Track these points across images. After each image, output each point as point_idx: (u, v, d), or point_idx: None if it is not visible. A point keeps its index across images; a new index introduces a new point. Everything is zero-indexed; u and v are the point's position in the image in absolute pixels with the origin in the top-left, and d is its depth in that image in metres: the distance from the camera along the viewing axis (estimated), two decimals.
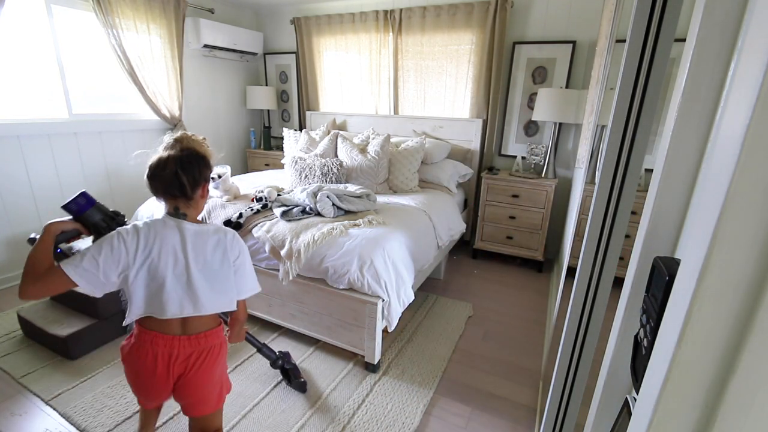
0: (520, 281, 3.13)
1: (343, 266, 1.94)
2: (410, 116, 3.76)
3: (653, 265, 0.60)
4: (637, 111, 0.85)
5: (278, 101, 4.60)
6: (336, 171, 3.03)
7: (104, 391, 1.84)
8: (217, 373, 1.21)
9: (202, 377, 1.16)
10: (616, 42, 1.60)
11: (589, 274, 0.99)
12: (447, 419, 1.75)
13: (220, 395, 1.25)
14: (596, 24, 2.89)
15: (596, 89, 2.05)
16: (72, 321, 2.11)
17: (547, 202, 3.08)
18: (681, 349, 0.40)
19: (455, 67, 3.51)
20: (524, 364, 2.13)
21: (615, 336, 0.76)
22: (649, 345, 0.55)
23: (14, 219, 2.77)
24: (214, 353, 1.18)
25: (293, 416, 1.72)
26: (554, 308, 2.22)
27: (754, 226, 0.35)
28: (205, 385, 1.18)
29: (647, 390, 0.48)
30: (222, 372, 1.25)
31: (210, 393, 1.22)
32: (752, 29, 0.38)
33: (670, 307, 0.46)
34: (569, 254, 1.99)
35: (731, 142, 0.36)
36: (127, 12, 3.09)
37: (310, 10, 4.07)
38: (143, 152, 1.21)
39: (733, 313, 0.38)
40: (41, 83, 2.86)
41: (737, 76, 0.39)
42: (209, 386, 1.20)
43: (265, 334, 2.30)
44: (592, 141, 2.00)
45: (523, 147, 3.41)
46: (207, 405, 1.23)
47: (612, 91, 0.98)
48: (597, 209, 0.94)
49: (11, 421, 1.67)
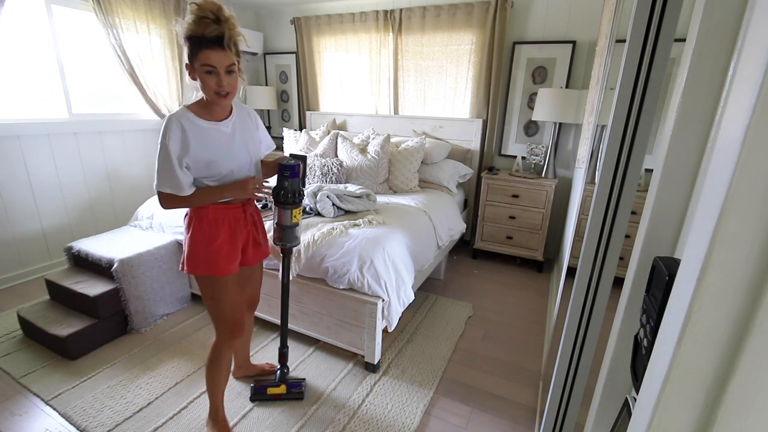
0: (520, 281, 3.13)
1: (343, 266, 1.94)
2: (410, 116, 3.76)
3: (653, 265, 0.60)
4: (637, 111, 0.85)
5: (278, 101, 4.60)
6: (336, 171, 3.03)
7: (104, 391, 1.84)
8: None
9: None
10: (616, 42, 1.60)
11: (589, 274, 0.99)
12: (447, 419, 1.75)
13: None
14: (596, 24, 2.89)
15: (596, 89, 2.05)
16: (72, 321, 2.11)
17: (547, 202, 3.08)
18: (681, 349, 0.40)
19: (455, 67, 3.51)
20: (524, 364, 2.13)
21: (615, 336, 0.76)
22: (649, 345, 0.55)
23: (14, 219, 2.76)
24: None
25: (293, 416, 1.72)
26: (554, 308, 2.22)
27: (754, 226, 0.35)
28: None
29: (647, 390, 0.48)
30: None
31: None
32: (752, 29, 0.38)
33: (670, 307, 0.46)
34: (569, 254, 1.99)
35: (731, 142, 0.36)
36: (127, 12, 3.09)
37: (310, 10, 4.07)
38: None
39: (733, 313, 0.38)
40: (41, 83, 2.86)
41: (737, 76, 0.39)
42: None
43: (265, 334, 2.30)
44: (592, 141, 2.00)
45: (523, 147, 3.41)
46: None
47: (612, 91, 0.98)
48: (597, 209, 0.94)
49: (11, 421, 1.67)
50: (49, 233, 2.97)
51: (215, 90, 1.28)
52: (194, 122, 1.33)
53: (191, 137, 1.31)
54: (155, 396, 1.82)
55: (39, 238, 2.92)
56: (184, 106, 1.35)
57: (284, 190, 1.50)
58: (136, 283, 2.26)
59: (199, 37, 1.22)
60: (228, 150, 1.40)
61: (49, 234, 2.96)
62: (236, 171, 1.44)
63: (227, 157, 1.39)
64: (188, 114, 1.33)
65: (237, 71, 1.31)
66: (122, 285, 2.20)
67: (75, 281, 2.24)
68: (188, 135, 1.30)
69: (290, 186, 1.50)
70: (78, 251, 2.36)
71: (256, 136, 1.54)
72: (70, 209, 3.06)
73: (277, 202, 1.52)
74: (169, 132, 1.28)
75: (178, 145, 1.29)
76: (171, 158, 1.28)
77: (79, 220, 3.13)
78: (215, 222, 1.41)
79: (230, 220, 1.45)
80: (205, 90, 1.29)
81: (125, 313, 2.26)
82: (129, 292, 2.23)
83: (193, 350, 2.15)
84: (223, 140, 1.39)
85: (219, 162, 1.37)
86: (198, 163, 1.34)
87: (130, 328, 2.29)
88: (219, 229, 1.42)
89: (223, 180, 1.42)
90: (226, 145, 1.39)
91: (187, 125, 1.31)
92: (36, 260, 2.93)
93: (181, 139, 1.29)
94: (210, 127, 1.36)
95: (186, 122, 1.31)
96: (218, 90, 1.28)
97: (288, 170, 1.48)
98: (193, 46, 1.23)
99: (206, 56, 1.23)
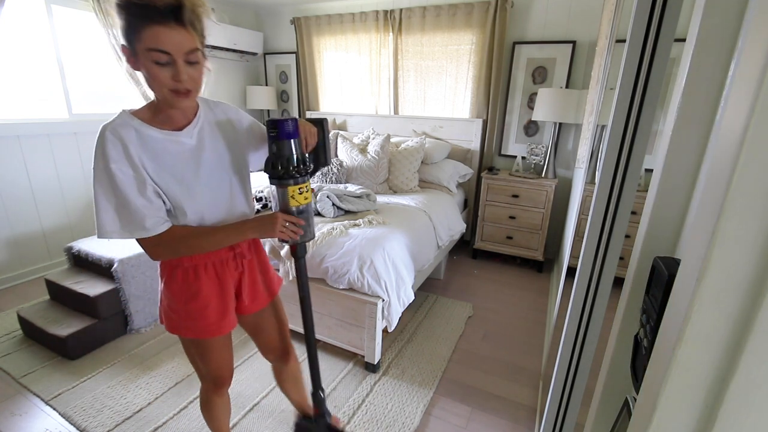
0: (520, 281, 3.12)
1: (343, 266, 1.94)
2: (410, 116, 3.76)
3: (653, 265, 0.60)
4: (637, 111, 0.85)
5: (278, 101, 4.60)
6: (336, 171, 3.03)
7: (104, 391, 1.84)
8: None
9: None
10: (616, 42, 1.60)
11: (589, 274, 0.99)
12: (447, 419, 1.75)
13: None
14: (596, 24, 2.89)
15: (596, 89, 2.05)
16: (72, 321, 2.11)
17: (547, 202, 3.08)
18: (681, 349, 0.40)
19: (455, 67, 3.51)
20: (524, 364, 2.13)
21: (615, 336, 0.76)
22: (649, 345, 0.55)
23: (14, 219, 2.76)
24: None
25: (294, 416, 1.72)
26: (554, 308, 2.22)
27: (754, 226, 0.35)
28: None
29: (647, 390, 0.48)
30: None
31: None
32: (752, 29, 0.38)
33: (670, 307, 0.46)
34: (569, 254, 1.99)
35: (731, 142, 0.36)
36: None
37: (310, 10, 4.07)
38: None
39: (733, 313, 0.38)
40: (41, 83, 2.86)
41: (737, 76, 0.39)
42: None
43: None
44: (592, 141, 2.00)
45: (523, 147, 3.41)
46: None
47: (612, 91, 0.98)
48: (597, 209, 0.94)
49: (11, 421, 1.67)
50: (49, 233, 2.97)
51: (170, 86, 0.86)
52: (142, 133, 0.91)
53: (140, 154, 0.90)
54: (155, 396, 1.82)
55: (39, 238, 2.92)
56: (126, 111, 0.93)
57: (274, 157, 1.02)
58: (136, 283, 2.26)
59: (143, 6, 0.79)
60: (193, 172, 0.97)
61: (49, 234, 2.96)
62: (209, 209, 1.01)
63: (193, 184, 0.97)
64: (132, 121, 0.91)
65: (201, 59, 0.89)
66: (122, 285, 2.20)
67: (75, 281, 2.24)
68: (132, 152, 0.89)
69: (280, 150, 1.01)
70: (78, 251, 2.36)
71: (242, 139, 1.09)
72: (70, 209, 3.06)
73: (270, 177, 1.04)
74: (105, 149, 0.87)
75: (125, 163, 0.88)
76: (117, 183, 0.87)
77: (79, 220, 3.13)
78: (194, 271, 1.04)
79: (214, 265, 1.06)
80: (155, 86, 0.87)
81: (125, 313, 2.26)
82: (129, 292, 2.23)
83: None
84: (186, 157, 0.97)
85: (181, 194, 0.96)
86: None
87: (130, 328, 2.28)
88: (199, 280, 1.04)
89: (186, 216, 0.98)
90: (189, 164, 0.97)
91: (129, 137, 0.89)
92: (36, 260, 2.93)
93: (125, 157, 0.89)
94: (166, 139, 0.94)
95: (128, 133, 0.89)
96: (175, 86, 0.87)
97: (275, 129, 1.00)
98: (133, 20, 0.81)
99: (154, 36, 0.81)
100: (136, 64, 0.86)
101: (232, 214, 1.07)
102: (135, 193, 0.89)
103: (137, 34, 0.82)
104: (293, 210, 1.06)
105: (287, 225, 1.03)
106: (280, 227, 1.02)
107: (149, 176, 0.92)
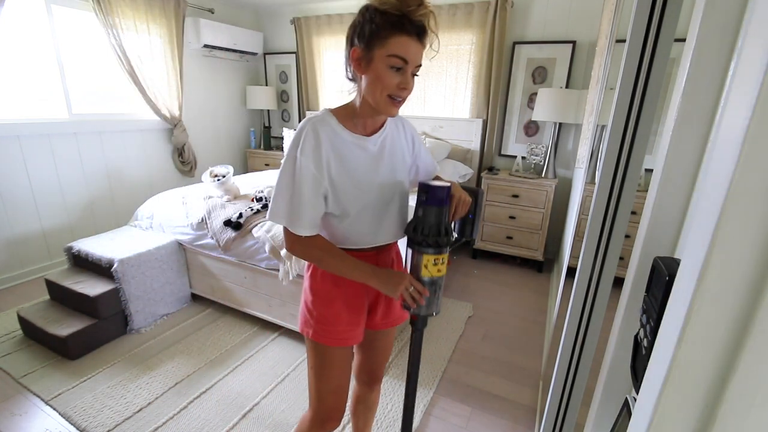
0: (520, 281, 3.12)
1: None
2: (410, 116, 3.76)
3: (653, 265, 0.60)
4: (637, 111, 0.85)
5: (278, 101, 4.60)
6: None
7: (104, 391, 1.84)
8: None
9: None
10: (616, 42, 1.60)
11: (589, 274, 0.99)
12: (447, 419, 1.75)
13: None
14: (596, 24, 2.89)
15: (596, 89, 2.05)
16: (72, 321, 2.11)
17: (547, 202, 3.08)
18: (681, 349, 0.40)
19: (455, 67, 3.51)
20: (524, 364, 2.13)
21: (615, 336, 0.76)
22: (649, 345, 0.55)
23: (14, 219, 2.77)
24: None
25: (293, 416, 1.72)
26: (554, 308, 2.22)
27: (754, 226, 0.35)
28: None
29: (647, 390, 0.48)
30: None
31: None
32: (752, 29, 0.38)
33: (670, 307, 0.46)
34: (569, 254, 1.99)
35: (731, 142, 0.36)
36: (127, 12, 3.09)
37: (310, 10, 4.07)
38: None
39: (733, 313, 0.38)
40: (41, 83, 2.86)
41: (737, 76, 0.39)
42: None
43: (265, 334, 2.30)
44: (592, 141, 2.00)
45: (523, 147, 3.41)
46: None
47: (612, 91, 0.98)
48: (597, 209, 0.94)
49: (11, 421, 1.67)
50: (49, 233, 2.97)
51: (393, 93, 0.92)
52: (337, 132, 0.97)
53: (329, 154, 0.95)
54: (155, 396, 1.82)
55: (39, 238, 2.92)
56: (327, 110, 1.01)
57: (418, 221, 0.98)
58: (136, 283, 2.26)
59: (400, 17, 0.87)
60: (369, 176, 1.00)
61: (49, 234, 2.96)
62: (370, 206, 1.02)
63: (366, 185, 1.00)
64: (331, 120, 0.98)
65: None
66: (122, 285, 2.20)
67: (75, 281, 2.24)
68: (323, 152, 0.94)
69: (425, 216, 0.97)
70: (78, 251, 2.36)
71: (408, 158, 1.11)
72: (70, 209, 3.06)
73: (410, 240, 1.01)
74: (302, 141, 0.93)
75: (311, 160, 0.93)
76: (298, 175, 0.93)
77: (79, 220, 3.13)
78: (333, 280, 1.06)
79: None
80: (377, 89, 0.92)
81: (125, 313, 2.26)
82: (129, 292, 2.23)
83: (193, 350, 2.15)
84: (367, 162, 1.00)
85: (354, 197, 0.99)
86: (332, 190, 0.98)
87: (130, 328, 2.29)
88: (337, 288, 1.06)
89: (344, 219, 1.01)
90: (368, 169, 1.00)
91: (325, 136, 0.95)
92: (36, 260, 2.93)
93: (314, 154, 0.94)
94: (354, 142, 0.99)
95: (325, 132, 0.95)
96: (397, 93, 0.92)
97: (425, 192, 0.96)
98: (386, 26, 0.87)
99: (402, 45, 0.88)
100: (362, 67, 0.93)
101: (381, 227, 1.07)
102: (310, 190, 0.93)
103: (383, 40, 0.88)
104: (424, 280, 1.00)
105: (411, 290, 0.99)
106: (403, 289, 0.99)
107: (330, 175, 0.96)
